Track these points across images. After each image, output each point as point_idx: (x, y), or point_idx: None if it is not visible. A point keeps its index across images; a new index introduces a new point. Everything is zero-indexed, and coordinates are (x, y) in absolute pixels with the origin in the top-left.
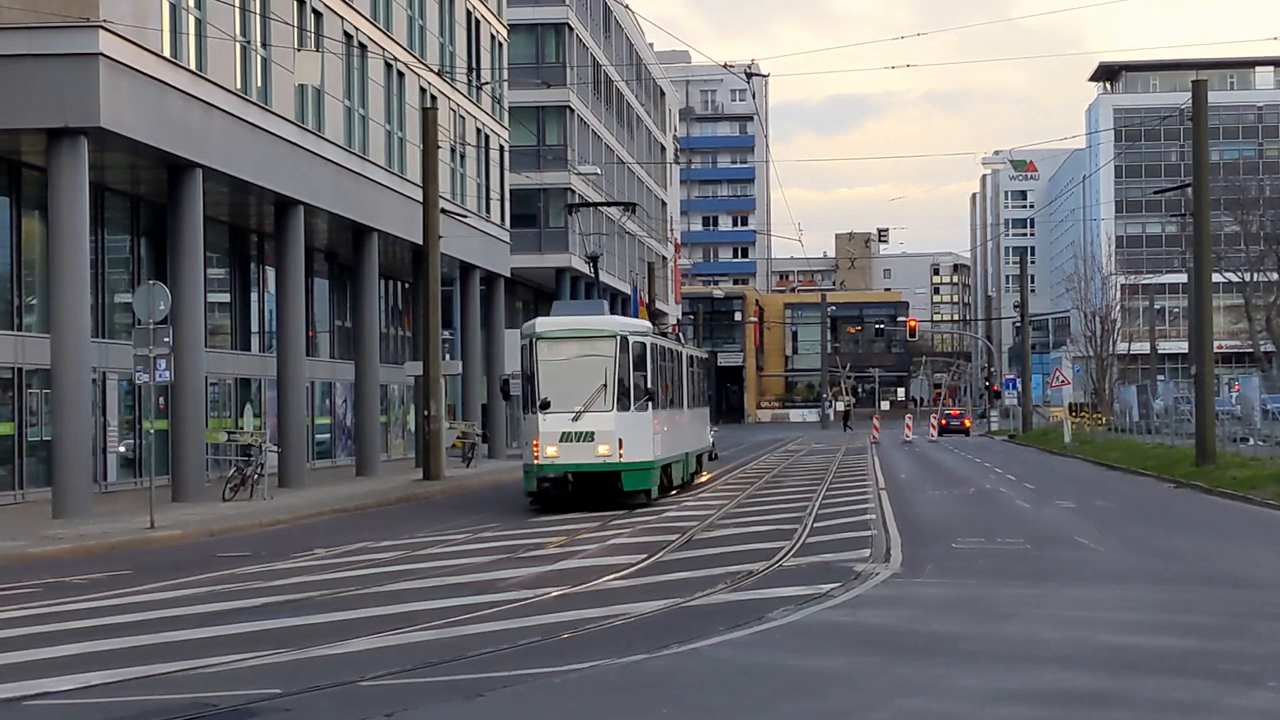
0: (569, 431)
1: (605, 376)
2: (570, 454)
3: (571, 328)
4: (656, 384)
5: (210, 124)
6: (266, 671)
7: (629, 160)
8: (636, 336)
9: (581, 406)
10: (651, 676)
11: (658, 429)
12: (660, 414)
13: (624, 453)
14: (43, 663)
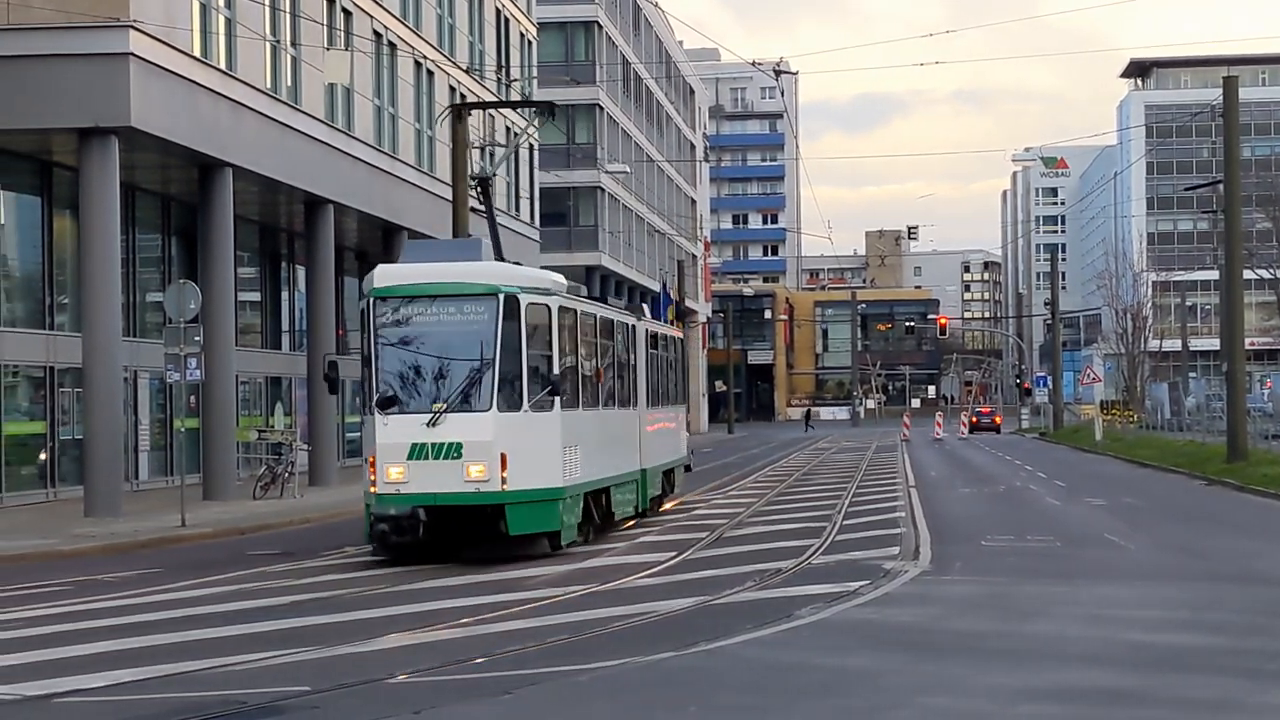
0: (422, 443)
1: (480, 356)
2: (424, 478)
3: (426, 280)
4: (578, 369)
5: (240, 123)
6: (295, 669)
7: (658, 158)
8: (533, 295)
9: (442, 404)
10: (678, 675)
11: (574, 439)
12: (580, 416)
13: (509, 476)
14: (73, 660)
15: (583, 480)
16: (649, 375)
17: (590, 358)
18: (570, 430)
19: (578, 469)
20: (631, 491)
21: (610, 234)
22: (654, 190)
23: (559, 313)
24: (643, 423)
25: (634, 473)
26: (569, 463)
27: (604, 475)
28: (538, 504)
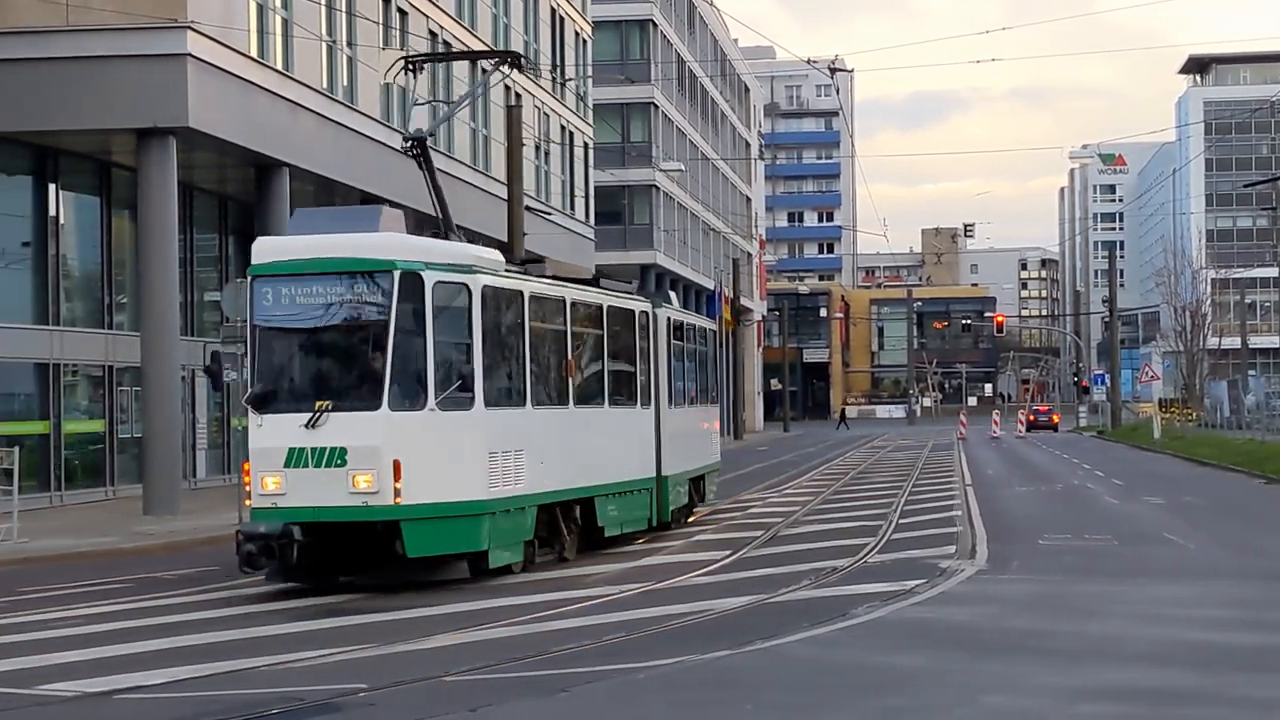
0: (301, 448)
1: (370, 344)
2: (303, 489)
3: (310, 255)
4: (526, 360)
5: (296, 123)
6: (352, 667)
7: (713, 156)
8: (444, 273)
9: (326, 402)
10: (734, 673)
11: (515, 443)
12: (529, 416)
13: (405, 487)
14: (133, 657)
15: (532, 492)
16: (672, 370)
17: (554, 347)
18: (507, 432)
19: (521, 478)
20: (638, 503)
21: (665, 232)
22: (709, 188)
23: (487, 294)
24: (662, 424)
25: (641, 481)
26: (505, 471)
27: (578, 484)
28: (448, 520)
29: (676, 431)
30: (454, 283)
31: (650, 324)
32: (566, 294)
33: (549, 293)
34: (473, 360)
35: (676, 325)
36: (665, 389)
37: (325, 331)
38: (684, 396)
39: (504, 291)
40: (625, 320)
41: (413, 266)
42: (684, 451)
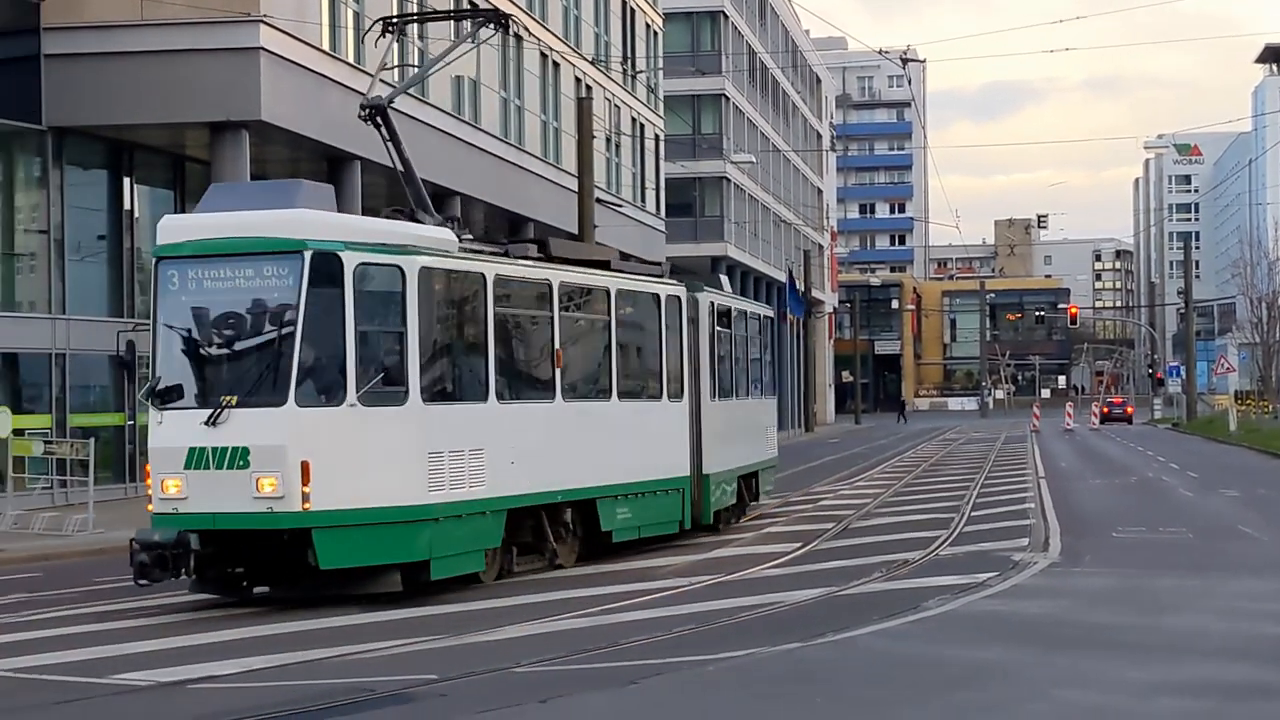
0: (202, 448)
1: (277, 332)
2: (205, 493)
3: (216, 235)
4: (488, 349)
5: None
6: (424, 657)
7: (785, 148)
8: (371, 254)
9: (231, 397)
10: (805, 666)
11: (468, 441)
12: (490, 411)
13: (315, 491)
14: (205, 647)
15: (498, 495)
16: (717, 360)
17: (534, 335)
18: (459, 430)
19: (481, 480)
20: (664, 505)
21: (736, 224)
22: (780, 180)
23: (429, 277)
24: (703, 418)
25: (668, 481)
26: (454, 472)
27: (569, 486)
28: (373, 528)
29: (723, 426)
30: (383, 265)
31: (683, 310)
32: (553, 276)
33: (526, 275)
34: (406, 351)
35: (723, 312)
36: (707, 380)
37: (231, 319)
38: (733, 388)
39: (456, 274)
40: (644, 306)
41: (328, 246)
42: (733, 448)
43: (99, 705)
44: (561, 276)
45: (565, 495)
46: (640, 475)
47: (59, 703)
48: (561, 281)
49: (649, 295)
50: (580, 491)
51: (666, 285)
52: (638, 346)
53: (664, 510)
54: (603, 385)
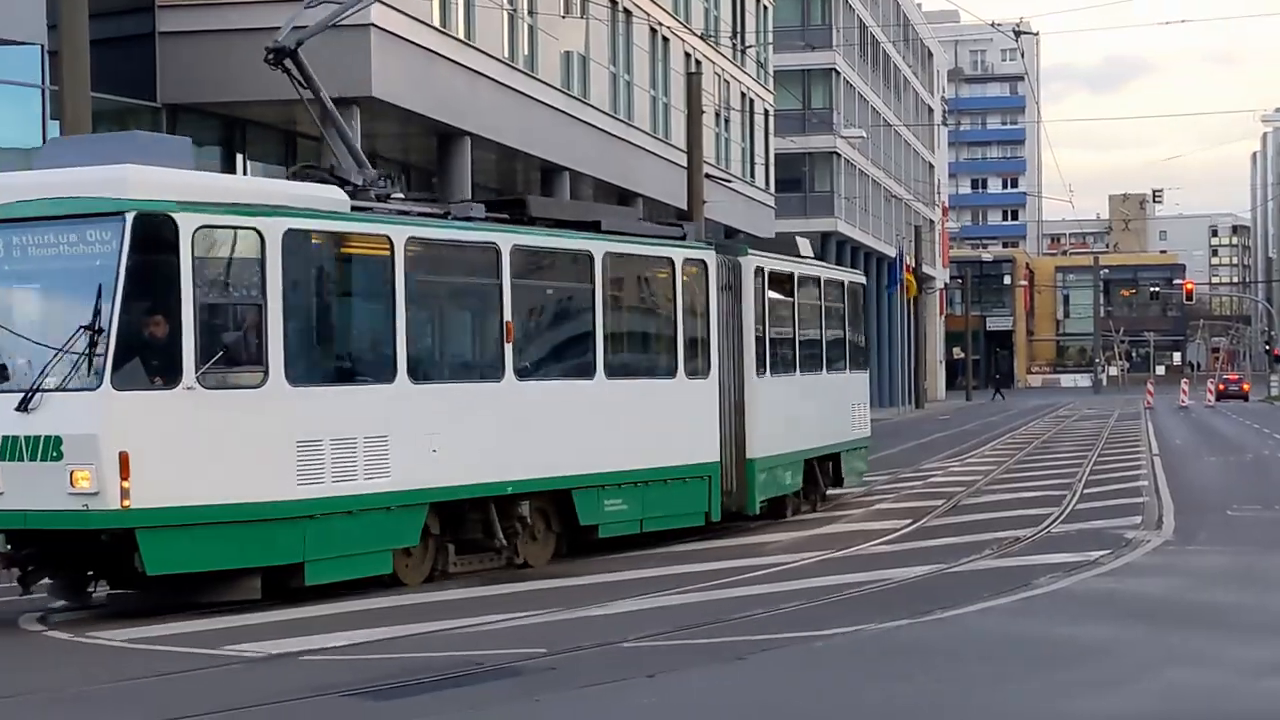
0: (14, 436)
1: (94, 306)
2: (19, 488)
3: (39, 195)
4: (395, 322)
5: (477, 92)
6: (533, 631)
7: (895, 123)
8: (210, 215)
9: (44, 379)
10: (913, 643)
11: (350, 431)
12: (386, 395)
13: (137, 486)
14: (316, 619)
15: (415, 487)
16: (768, 332)
17: (473, 306)
18: (351, 414)
19: (388, 470)
20: (677, 495)
21: (846, 199)
22: (891, 155)
23: (301, 241)
24: (747, 397)
25: (685, 469)
26: (342, 462)
27: (528, 476)
28: (219, 528)
29: (780, 405)
30: (234, 227)
31: (712, 277)
32: (502, 239)
33: (460, 238)
34: (266, 326)
35: (779, 278)
36: (752, 354)
37: (49, 292)
38: (795, 362)
39: (347, 237)
40: (650, 272)
41: (157, 208)
42: (796, 428)
43: (210, 676)
44: (516, 239)
45: (520, 486)
46: (643, 462)
47: (172, 674)
48: (515, 245)
49: (659, 260)
50: (545, 482)
51: (685, 249)
52: (640, 318)
53: (679, 501)
54: (583, 362)
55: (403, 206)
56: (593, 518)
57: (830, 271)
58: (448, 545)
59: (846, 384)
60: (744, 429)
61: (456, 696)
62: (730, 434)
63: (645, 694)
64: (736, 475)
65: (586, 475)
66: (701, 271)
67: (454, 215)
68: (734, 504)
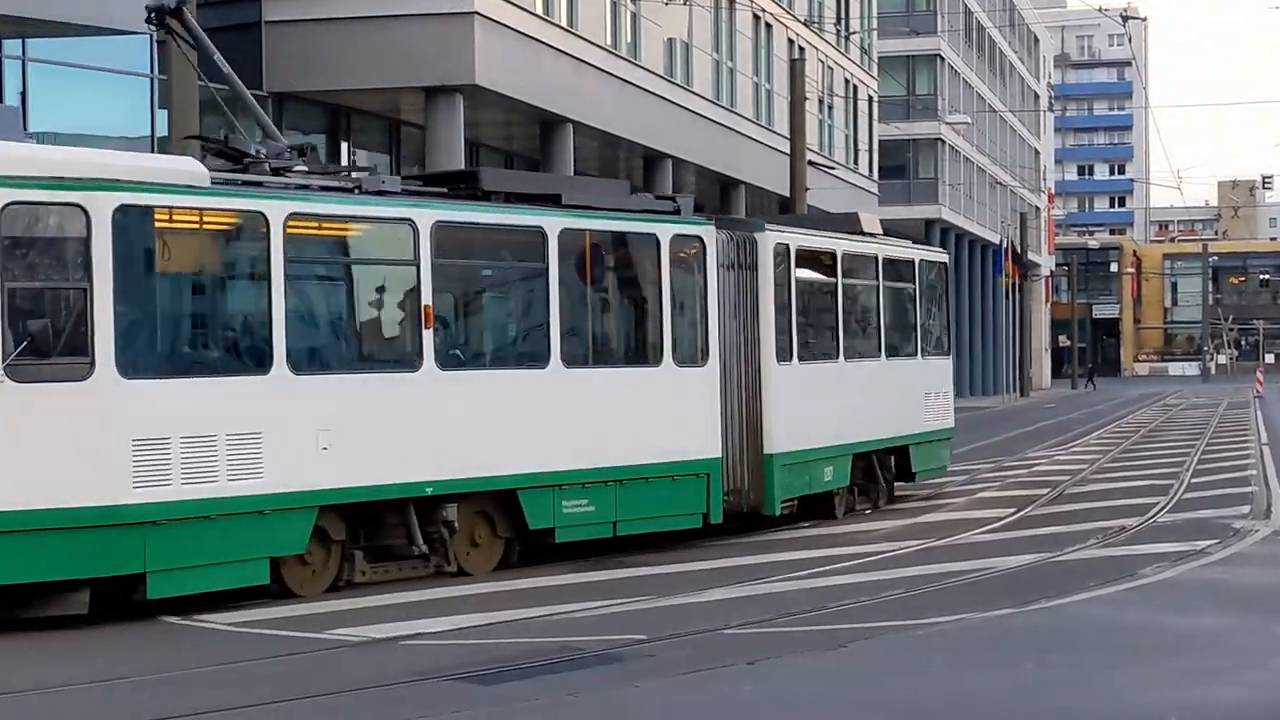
0: None
1: None
2: None
3: None
4: (231, 308)
5: (580, 80)
6: (631, 618)
7: (1001, 109)
8: (18, 190)
9: None
10: (1016, 632)
11: (211, 429)
12: (257, 388)
13: None
14: (416, 604)
15: (300, 489)
16: (798, 316)
17: (383, 289)
18: (198, 408)
19: (259, 469)
20: (671, 495)
21: (950, 186)
22: (996, 141)
23: (137, 219)
24: (760, 386)
25: (674, 465)
26: (191, 462)
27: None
28: (27, 537)
29: (812, 395)
30: (53, 204)
31: (711, 255)
32: (420, 215)
33: (362, 213)
34: (92, 312)
35: (815, 255)
36: (771, 340)
37: None
38: (838, 348)
39: (204, 214)
40: (618, 249)
41: None
42: (838, 420)
43: (311, 660)
44: (439, 215)
45: (444, 487)
46: (614, 459)
47: (276, 656)
48: (439, 221)
49: (637, 237)
50: (477, 482)
51: (673, 224)
52: (612, 300)
53: (665, 501)
54: (534, 350)
55: (304, 180)
56: (544, 520)
57: (897, 249)
58: (354, 552)
59: (917, 371)
60: (760, 421)
61: (558, 682)
62: (739, 427)
63: (745, 681)
64: (749, 472)
65: (534, 475)
66: (697, 250)
67: (364, 189)
68: (744, 504)
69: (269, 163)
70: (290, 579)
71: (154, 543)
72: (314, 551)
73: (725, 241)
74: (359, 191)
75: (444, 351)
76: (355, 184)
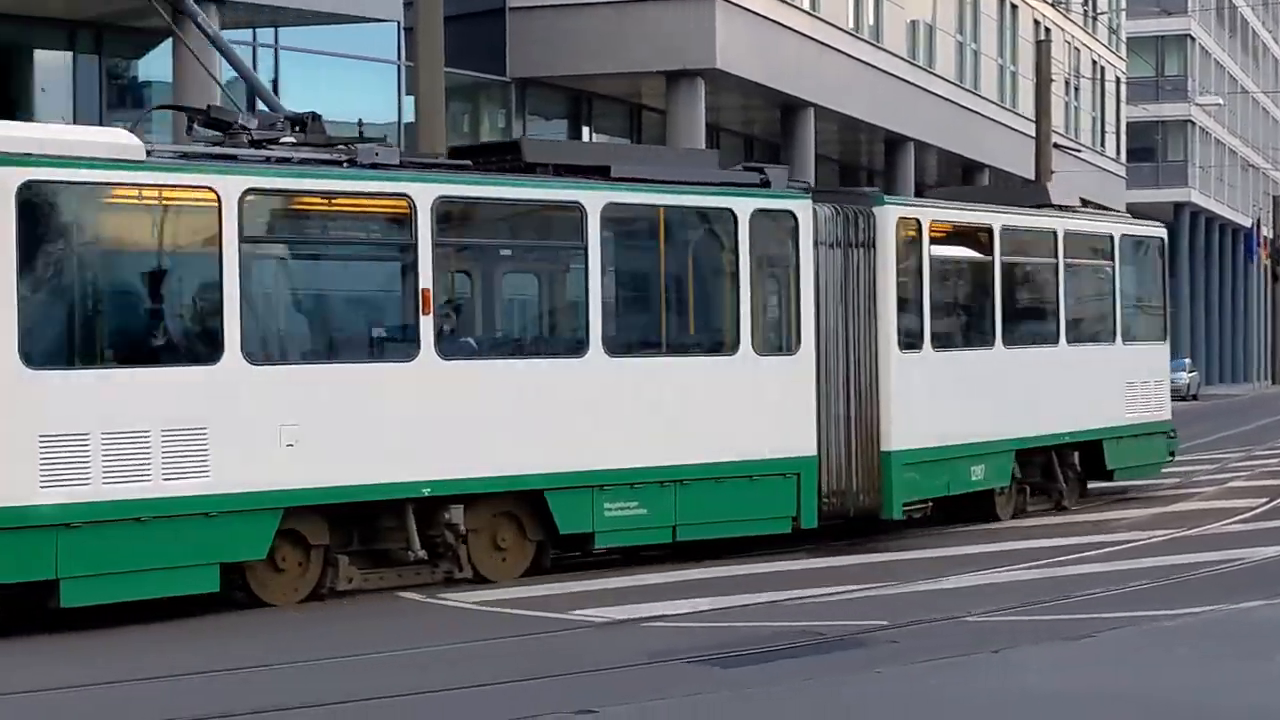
0: None
1: None
2: None
3: None
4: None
5: (822, 63)
6: (872, 604)
7: (1253, 89)
8: None
9: None
10: (1268, 625)
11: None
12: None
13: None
14: (656, 587)
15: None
16: (924, 296)
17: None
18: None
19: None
20: (751, 497)
21: (1200, 169)
22: (1249, 123)
23: (53, 195)
24: (877, 377)
25: (757, 464)
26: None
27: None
28: None
29: (953, 386)
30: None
31: (805, 231)
32: (418, 191)
33: (348, 189)
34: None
35: (964, 231)
36: (892, 325)
37: None
38: (994, 333)
39: (139, 190)
40: (682, 226)
41: None
42: (992, 413)
43: (555, 639)
44: (443, 190)
45: (445, 488)
46: (674, 457)
47: (522, 636)
48: (442, 197)
49: (707, 212)
50: (491, 482)
51: (756, 198)
52: (673, 282)
53: (742, 504)
54: (570, 338)
55: (287, 154)
56: (579, 524)
57: (1087, 223)
58: (339, 558)
59: (1115, 358)
60: (875, 416)
61: (800, 666)
62: (844, 422)
63: (988, 671)
64: (860, 472)
65: (564, 474)
66: (789, 226)
67: (358, 162)
68: (852, 506)
69: (251, 134)
70: (257, 586)
71: (65, 548)
72: (287, 556)
73: (828, 217)
74: (349, 165)
75: (449, 339)
76: (347, 157)
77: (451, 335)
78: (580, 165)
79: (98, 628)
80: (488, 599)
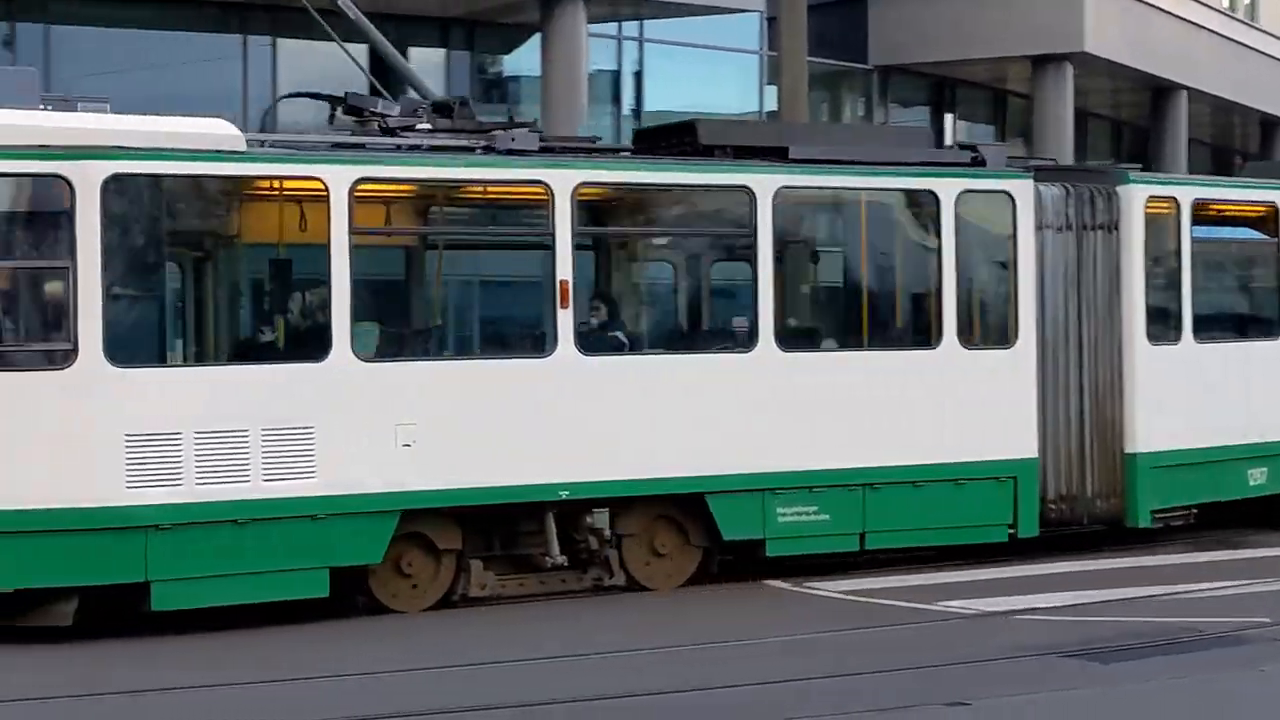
0: None
1: None
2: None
3: None
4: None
5: (1194, 44)
6: (1250, 600)
7: None
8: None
9: None
10: None
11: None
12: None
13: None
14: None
15: (379, 490)
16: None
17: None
18: (236, 399)
19: (327, 466)
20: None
21: None
22: None
23: (149, 190)
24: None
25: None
26: (210, 459)
27: (613, 476)
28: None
29: (1220, 382)
30: (32, 175)
31: (1023, 214)
32: (556, 179)
33: (472, 176)
34: (75, 294)
35: (1238, 212)
36: (1140, 314)
37: None
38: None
39: (239, 183)
40: (875, 209)
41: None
42: (1271, 410)
43: (923, 630)
44: (585, 175)
45: (583, 490)
46: (863, 458)
47: (889, 626)
48: (583, 183)
49: (905, 194)
50: (639, 484)
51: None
52: (860, 270)
53: (948, 509)
54: (730, 330)
55: (418, 140)
56: (747, 530)
57: None
58: (471, 563)
59: None
60: (1118, 414)
61: (1178, 663)
62: (1077, 421)
63: None
64: (1097, 476)
65: (726, 477)
66: (1004, 208)
67: (495, 149)
68: (1085, 513)
69: (384, 121)
70: (379, 591)
71: (155, 549)
72: (414, 562)
73: (1056, 197)
74: (484, 151)
75: (592, 334)
76: (484, 144)
77: (598, 329)
78: (756, 146)
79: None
80: (856, 588)
